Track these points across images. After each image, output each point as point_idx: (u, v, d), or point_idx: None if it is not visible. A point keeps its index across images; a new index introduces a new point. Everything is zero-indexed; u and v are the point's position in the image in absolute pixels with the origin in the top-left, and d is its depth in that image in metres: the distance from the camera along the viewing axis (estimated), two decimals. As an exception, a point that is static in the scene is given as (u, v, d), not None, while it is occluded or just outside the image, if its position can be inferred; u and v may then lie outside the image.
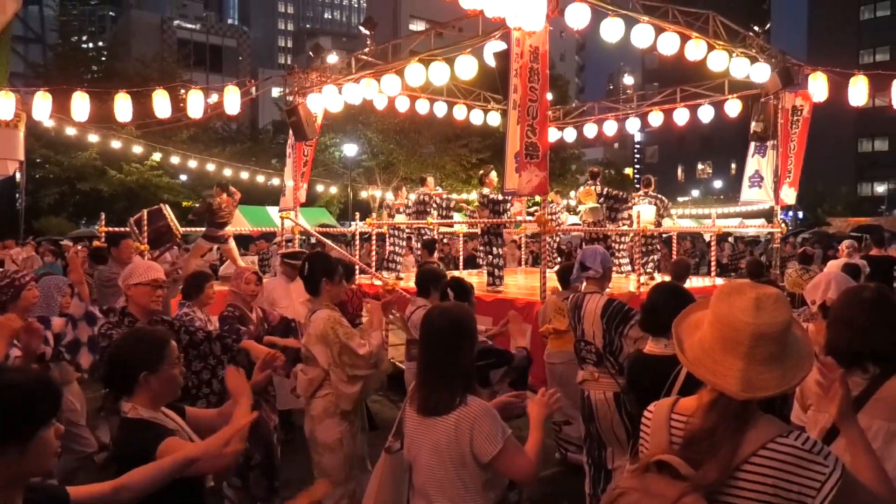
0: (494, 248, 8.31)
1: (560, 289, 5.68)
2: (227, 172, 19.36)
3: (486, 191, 8.50)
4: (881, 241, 9.25)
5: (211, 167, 19.25)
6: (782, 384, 1.49)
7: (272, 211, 20.46)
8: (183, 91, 10.49)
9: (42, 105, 9.61)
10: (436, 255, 9.12)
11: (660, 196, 10.88)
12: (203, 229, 9.95)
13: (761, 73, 9.15)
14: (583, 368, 4.13)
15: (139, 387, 2.20)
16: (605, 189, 9.57)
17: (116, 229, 9.55)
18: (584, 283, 4.30)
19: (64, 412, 3.41)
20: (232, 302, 4.51)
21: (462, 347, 2.35)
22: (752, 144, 10.72)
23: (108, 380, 2.21)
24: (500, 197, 8.20)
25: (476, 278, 9.16)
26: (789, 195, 10.43)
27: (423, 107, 12.05)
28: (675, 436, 1.59)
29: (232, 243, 9.97)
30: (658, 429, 1.63)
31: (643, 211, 9.43)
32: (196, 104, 9.93)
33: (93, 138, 17.31)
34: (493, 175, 8.73)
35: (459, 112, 12.67)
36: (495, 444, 2.23)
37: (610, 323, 3.96)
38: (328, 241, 10.55)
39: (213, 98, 10.94)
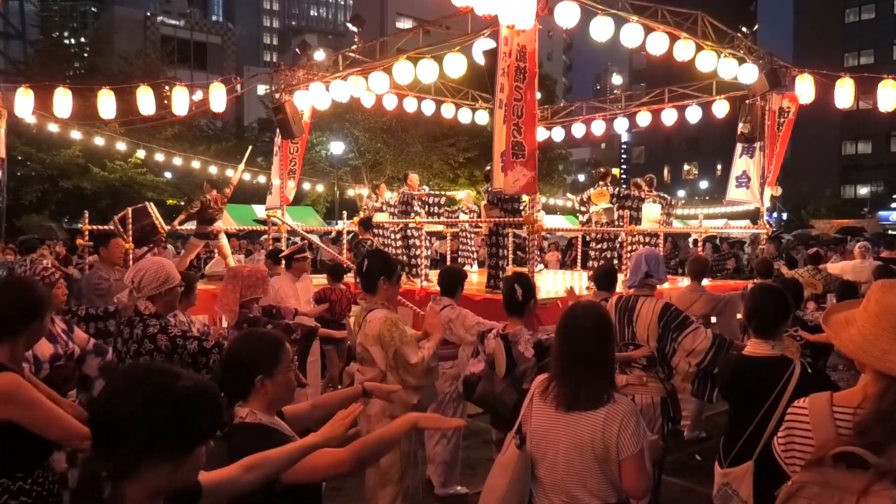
0: (501, 250, 8.20)
1: (596, 289, 5.68)
2: (213, 170, 19.21)
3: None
4: (893, 244, 9.47)
5: (196, 165, 19.12)
6: None
7: (258, 209, 20.37)
8: (167, 88, 10.41)
9: (24, 102, 9.48)
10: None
11: (663, 194, 10.95)
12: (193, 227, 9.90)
13: (749, 74, 9.22)
14: (626, 373, 4.01)
15: (255, 391, 2.13)
16: (618, 189, 9.56)
17: (101, 227, 9.45)
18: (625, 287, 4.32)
19: None
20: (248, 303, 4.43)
21: (609, 341, 2.44)
22: (740, 145, 10.80)
23: (223, 384, 2.03)
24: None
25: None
26: (766, 195, 10.52)
27: (410, 105, 12.03)
28: (841, 427, 1.65)
29: (223, 239, 9.89)
30: (822, 423, 1.68)
31: (648, 210, 9.47)
32: (181, 101, 9.85)
33: (76, 135, 17.13)
34: None
35: (447, 111, 12.66)
36: (636, 444, 2.30)
37: (667, 328, 3.94)
38: (316, 241, 10.51)
39: (198, 95, 10.86)
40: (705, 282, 10.42)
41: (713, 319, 6.19)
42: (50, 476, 2.42)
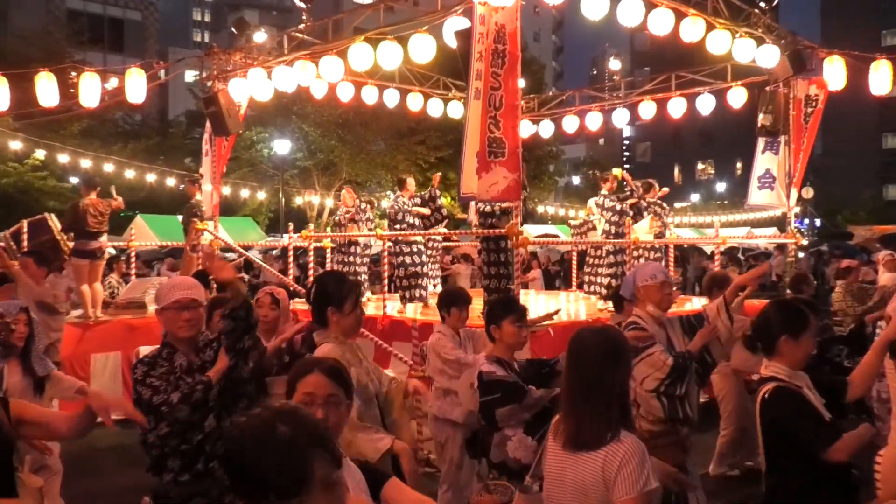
0: (502, 268, 8.12)
1: (614, 312, 5.79)
2: (129, 174, 19.05)
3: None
4: None
5: (109, 168, 18.91)
6: None
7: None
8: (74, 74, 10.31)
9: None
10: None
11: (661, 203, 11.09)
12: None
13: (769, 56, 9.39)
14: None
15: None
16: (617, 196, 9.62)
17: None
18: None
19: None
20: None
21: (617, 369, 2.53)
22: (762, 140, 10.97)
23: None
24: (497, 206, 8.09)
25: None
26: (793, 197, 10.69)
27: (370, 95, 12.05)
28: None
29: (102, 262, 9.74)
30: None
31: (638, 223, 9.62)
32: (91, 90, 9.75)
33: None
34: None
35: (414, 102, 12.72)
36: (633, 489, 2.37)
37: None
38: (255, 258, 10.47)
39: (113, 83, 10.78)
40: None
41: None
42: None
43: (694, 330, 4.19)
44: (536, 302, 10.58)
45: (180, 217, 11.58)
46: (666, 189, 11.60)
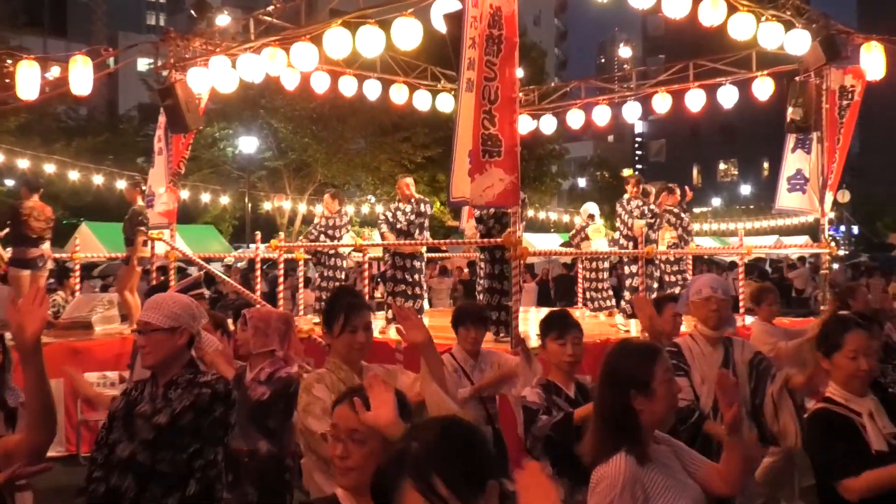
0: (505, 283, 8.10)
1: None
2: (74, 175, 18.98)
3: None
4: None
5: (50, 168, 18.84)
6: None
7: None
8: (10, 62, 10.29)
9: None
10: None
11: (675, 209, 11.14)
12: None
13: (798, 42, 9.43)
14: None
15: None
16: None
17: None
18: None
19: None
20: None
21: (608, 389, 2.76)
22: (792, 137, 11.01)
23: None
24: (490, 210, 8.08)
25: (429, 319, 9.13)
26: (828, 202, 10.73)
27: (348, 87, 12.07)
28: None
29: (45, 272, 9.69)
30: None
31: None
32: (29, 80, 9.73)
33: None
34: None
35: (399, 94, 12.74)
36: None
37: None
38: (218, 273, 10.44)
39: (54, 72, 10.75)
40: (751, 319, 10.61)
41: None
42: None
43: (759, 376, 4.30)
44: (525, 321, 10.55)
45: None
46: (689, 193, 11.66)
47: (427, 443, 1.79)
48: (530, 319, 11.24)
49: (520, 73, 7.16)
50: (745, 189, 52.94)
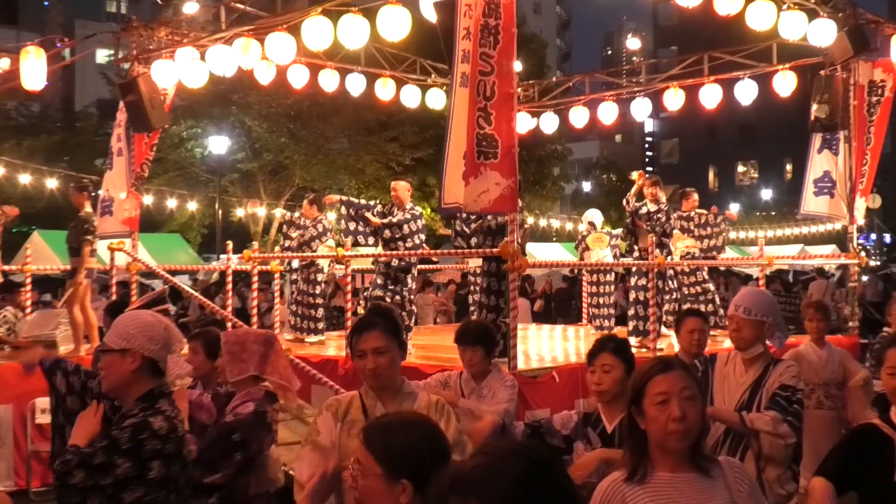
0: (502, 300, 8.11)
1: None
2: (25, 179, 18.89)
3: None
4: None
5: (-1, 171, 18.81)
6: None
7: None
8: (-46, 55, 10.27)
9: None
10: None
11: (691, 214, 11.16)
12: None
13: (823, 33, 9.45)
14: None
15: None
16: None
17: None
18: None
19: None
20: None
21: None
22: (818, 136, 11.01)
23: None
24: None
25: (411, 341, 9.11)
26: (859, 208, 10.73)
27: (329, 81, 12.06)
28: None
29: None
30: None
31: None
32: (-24, 76, 9.72)
33: None
34: None
35: (385, 90, 12.74)
36: None
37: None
38: (185, 287, 10.39)
39: (4, 64, 10.73)
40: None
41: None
42: None
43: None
44: (524, 340, 10.53)
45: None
46: (694, 198, 11.68)
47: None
48: (530, 338, 11.24)
49: (518, 66, 7.16)
50: (766, 193, 52.96)
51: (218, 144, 26.09)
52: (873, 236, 44.05)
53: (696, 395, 2.77)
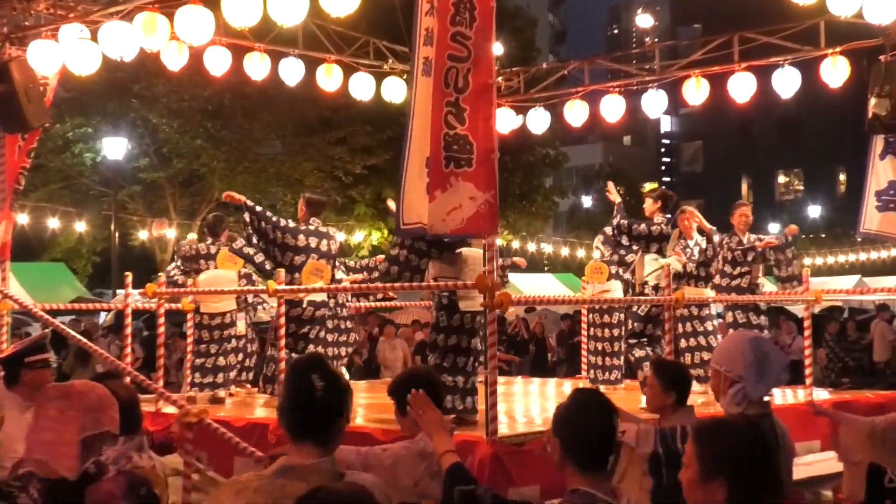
0: (472, 341, 8.19)
1: None
2: None
3: None
4: None
5: None
6: None
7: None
8: None
9: None
10: None
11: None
12: None
13: (884, 8, 9.58)
14: None
15: None
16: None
17: None
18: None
19: None
20: None
21: None
22: (879, 139, 11.11)
23: None
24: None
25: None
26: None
27: (258, 68, 12.07)
28: None
29: None
30: None
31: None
32: None
33: None
34: None
35: (329, 78, 12.75)
36: None
37: None
38: (69, 331, 10.32)
39: None
40: (824, 395, 10.71)
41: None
42: None
43: None
44: (541, 393, 10.61)
45: None
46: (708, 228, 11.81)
47: None
48: (515, 394, 11.28)
49: (499, 49, 7.21)
50: (814, 210, 53.49)
51: (114, 148, 26.01)
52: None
53: None
